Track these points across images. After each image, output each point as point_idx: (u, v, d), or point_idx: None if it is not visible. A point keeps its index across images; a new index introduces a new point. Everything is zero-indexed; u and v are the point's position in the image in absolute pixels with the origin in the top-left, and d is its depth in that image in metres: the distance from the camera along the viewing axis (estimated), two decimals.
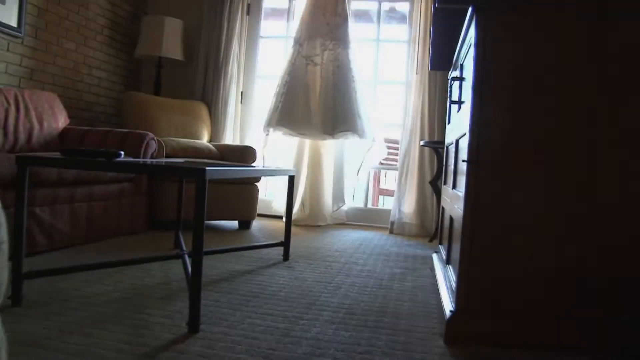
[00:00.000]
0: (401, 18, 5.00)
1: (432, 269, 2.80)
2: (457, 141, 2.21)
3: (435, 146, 4.04)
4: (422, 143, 4.19)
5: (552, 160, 1.63)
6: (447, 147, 2.81)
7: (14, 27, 3.60)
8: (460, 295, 1.69)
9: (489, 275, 1.67)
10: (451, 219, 2.21)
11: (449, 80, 2.88)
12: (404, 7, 4.94)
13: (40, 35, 3.90)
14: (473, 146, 1.67)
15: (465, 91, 2.10)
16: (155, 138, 3.60)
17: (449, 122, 2.85)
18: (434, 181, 4.12)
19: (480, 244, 1.67)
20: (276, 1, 5.22)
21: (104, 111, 4.71)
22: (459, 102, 2.21)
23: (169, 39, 4.65)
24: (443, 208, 2.83)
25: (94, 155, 1.85)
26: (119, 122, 4.62)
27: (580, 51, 1.62)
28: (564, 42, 1.62)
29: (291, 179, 2.84)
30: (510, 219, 1.66)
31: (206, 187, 1.58)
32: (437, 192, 4.13)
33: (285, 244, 2.92)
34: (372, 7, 4.94)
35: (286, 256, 2.92)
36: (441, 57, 2.88)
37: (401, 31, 4.95)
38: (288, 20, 5.01)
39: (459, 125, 2.18)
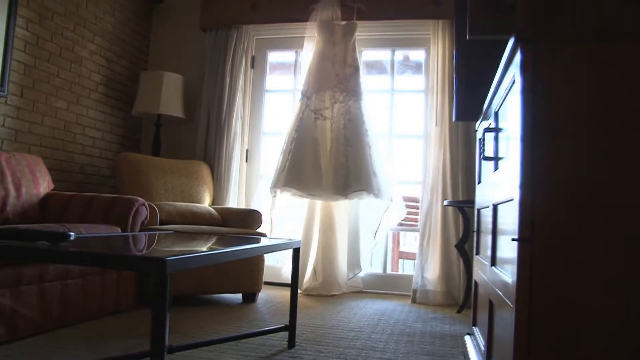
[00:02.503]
0: (416, 67, 4.67)
1: (466, 356, 2.33)
2: (495, 207, 1.78)
3: (461, 205, 3.61)
4: (445, 203, 3.77)
5: None
6: (480, 211, 2.38)
7: None
8: None
9: None
10: (491, 304, 1.76)
11: (477, 132, 2.48)
12: (418, 56, 4.61)
13: (26, 93, 3.61)
14: (525, 219, 1.24)
15: (504, 144, 1.69)
16: (146, 204, 3.22)
17: (479, 182, 2.43)
18: (461, 244, 3.66)
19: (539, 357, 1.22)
20: (282, 55, 4.93)
21: (99, 173, 4.37)
22: (496, 159, 1.80)
23: (169, 95, 4.35)
24: (477, 283, 2.38)
25: (35, 237, 1.45)
26: (115, 184, 4.27)
27: None
28: None
29: (296, 252, 2.41)
30: (582, 319, 1.21)
31: (168, 283, 1.17)
32: (465, 257, 3.67)
33: (290, 328, 2.47)
34: (385, 56, 4.61)
35: (291, 343, 2.46)
36: (467, 105, 2.49)
37: (417, 81, 4.62)
38: (295, 74, 4.70)
39: (496, 187, 1.76)
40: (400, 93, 4.63)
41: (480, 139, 2.40)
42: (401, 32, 4.46)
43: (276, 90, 4.91)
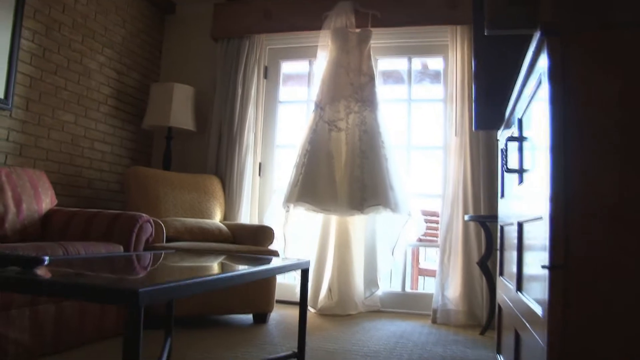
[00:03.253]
0: (434, 76, 4.49)
1: None
2: (520, 225, 1.59)
3: (483, 220, 3.41)
4: (466, 218, 3.57)
5: None
6: (503, 228, 2.19)
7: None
8: None
9: None
10: (517, 334, 1.57)
11: (499, 142, 2.30)
12: (436, 64, 4.43)
13: (32, 107, 3.51)
14: (557, 242, 1.06)
15: (530, 155, 1.51)
16: (151, 220, 3.08)
17: (502, 196, 2.24)
18: (483, 262, 3.45)
19: None
20: (295, 65, 4.79)
21: (108, 188, 4.26)
22: (520, 171, 1.62)
23: (179, 107, 4.23)
24: (500, 307, 2.18)
25: (5, 262, 1.30)
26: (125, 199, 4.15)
27: None
28: None
29: (304, 274, 2.24)
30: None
31: (141, 316, 1.01)
32: (487, 275, 3.46)
33: (299, 355, 2.28)
34: (402, 65, 4.44)
35: None
36: (487, 113, 2.30)
37: (435, 90, 4.44)
38: (309, 84, 4.54)
39: (522, 203, 1.57)
40: (418, 102, 4.45)
41: (502, 150, 2.22)
42: (418, 39, 4.29)
43: (290, 101, 4.77)
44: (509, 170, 1.65)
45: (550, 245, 1.06)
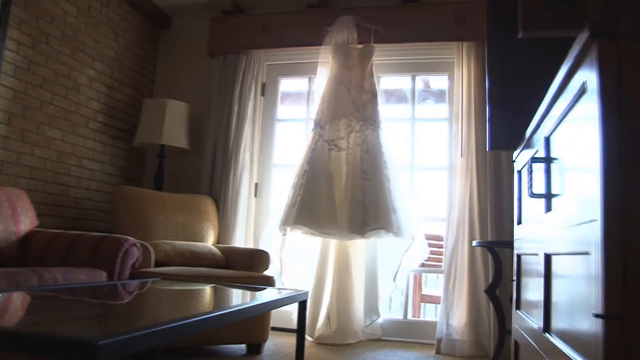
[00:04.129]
0: (439, 95, 4.33)
1: None
2: (548, 257, 1.40)
3: (492, 246, 3.22)
4: (474, 244, 3.37)
5: None
6: (520, 257, 1.99)
7: None
8: None
9: None
10: None
11: (516, 164, 2.11)
12: (441, 82, 4.26)
13: (15, 122, 3.32)
14: (614, 286, 0.86)
15: (559, 178, 1.32)
16: (138, 243, 2.87)
17: (519, 222, 2.05)
18: (491, 290, 3.25)
19: None
20: (294, 82, 4.62)
21: (97, 208, 4.05)
22: (548, 196, 1.43)
23: (172, 125, 4.04)
24: (518, 344, 1.98)
25: None
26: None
27: None
28: None
29: (302, 305, 2.04)
30: None
31: None
32: (496, 303, 3.24)
33: None
34: (405, 84, 4.26)
35: None
36: (504, 131, 2.12)
37: (439, 109, 4.27)
38: (308, 101, 4.37)
39: (549, 232, 1.38)
40: (422, 122, 4.27)
41: (520, 171, 2.03)
42: (422, 56, 4.12)
43: (288, 119, 4.59)
44: (535, 196, 1.46)
45: (605, 288, 0.87)
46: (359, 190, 3.68)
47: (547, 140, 1.47)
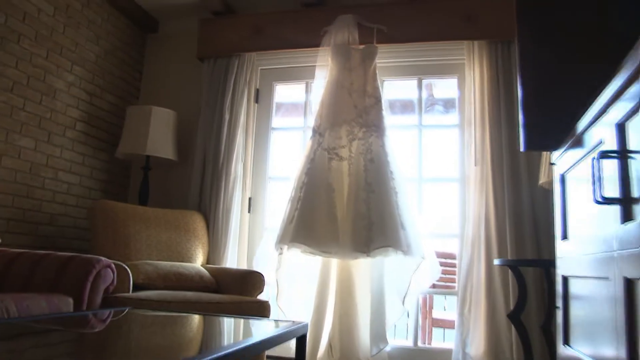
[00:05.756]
0: (447, 100, 4.00)
1: None
2: (630, 282, 1.05)
3: (515, 264, 2.86)
4: (496, 262, 3.01)
5: None
6: (568, 279, 1.64)
7: None
8: None
9: None
10: None
11: (556, 167, 1.76)
12: (449, 88, 3.93)
13: None
14: None
15: None
16: (112, 265, 2.51)
17: (564, 237, 1.69)
18: (515, 315, 2.87)
19: None
20: (290, 89, 4.28)
21: (75, 225, 3.69)
22: (626, 201, 1.08)
23: (158, 134, 3.70)
24: None
25: None
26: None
27: None
28: None
29: (301, 340, 1.67)
30: None
31: None
32: (521, 330, 2.86)
33: None
34: (412, 90, 3.91)
35: None
36: (541, 128, 1.77)
37: (448, 117, 3.94)
38: (306, 110, 4.02)
39: (625, 249, 1.03)
40: (430, 129, 3.93)
41: (564, 175, 1.68)
42: (429, 58, 3.80)
43: (284, 127, 4.25)
44: (608, 201, 1.11)
45: None
46: (364, 203, 3.32)
47: (621, 128, 1.13)
